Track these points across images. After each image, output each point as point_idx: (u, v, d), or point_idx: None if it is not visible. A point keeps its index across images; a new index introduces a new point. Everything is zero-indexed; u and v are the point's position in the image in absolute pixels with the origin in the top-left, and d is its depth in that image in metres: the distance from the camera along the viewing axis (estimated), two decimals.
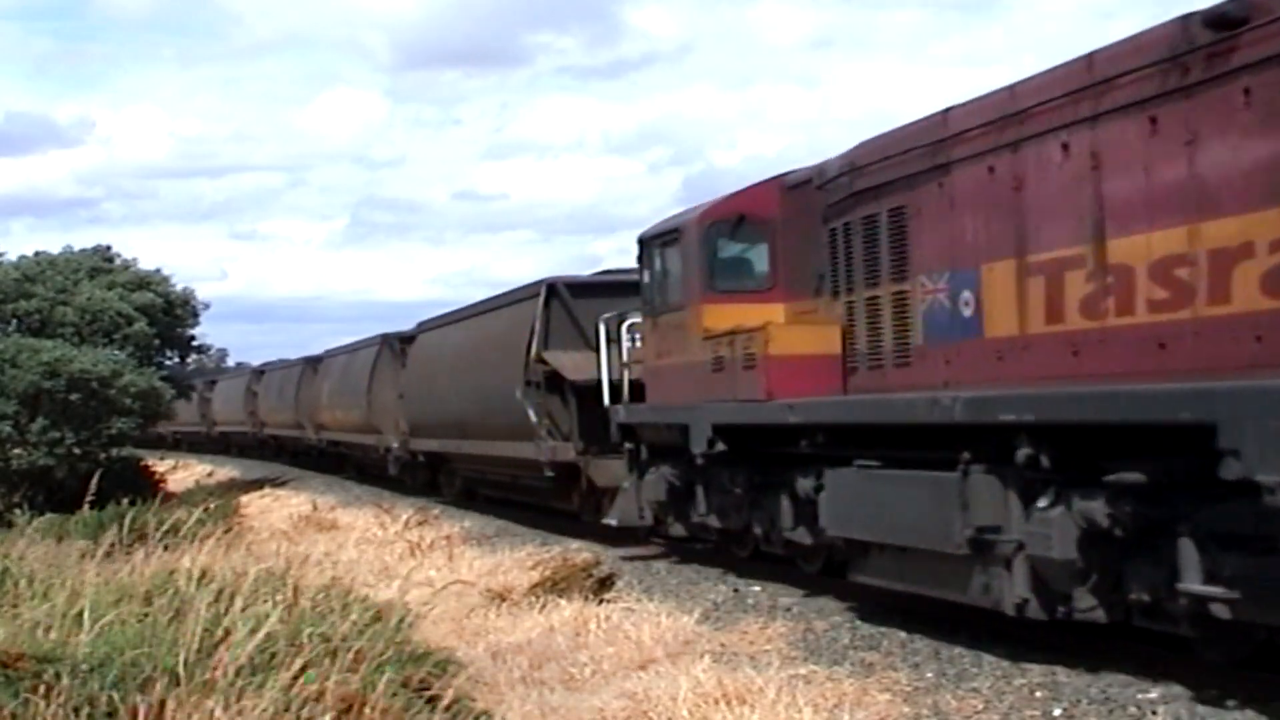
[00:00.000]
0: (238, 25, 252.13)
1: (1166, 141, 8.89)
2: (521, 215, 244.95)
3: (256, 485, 37.03)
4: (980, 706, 9.05)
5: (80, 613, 8.45)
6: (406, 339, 30.34)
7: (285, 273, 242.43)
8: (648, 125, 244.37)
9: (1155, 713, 8.49)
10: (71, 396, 28.97)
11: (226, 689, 7.22)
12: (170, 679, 7.31)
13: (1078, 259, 9.66)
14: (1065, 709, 8.79)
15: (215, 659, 7.54)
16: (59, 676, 7.13)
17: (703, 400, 14.45)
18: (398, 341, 31.01)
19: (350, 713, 7.44)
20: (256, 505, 29.95)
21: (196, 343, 38.51)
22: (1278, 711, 8.31)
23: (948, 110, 11.34)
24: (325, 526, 23.11)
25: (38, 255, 34.99)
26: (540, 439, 20.05)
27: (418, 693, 8.36)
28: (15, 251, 39.02)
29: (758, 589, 14.08)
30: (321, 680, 7.54)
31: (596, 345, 18.16)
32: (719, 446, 14.03)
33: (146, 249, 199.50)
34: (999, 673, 9.81)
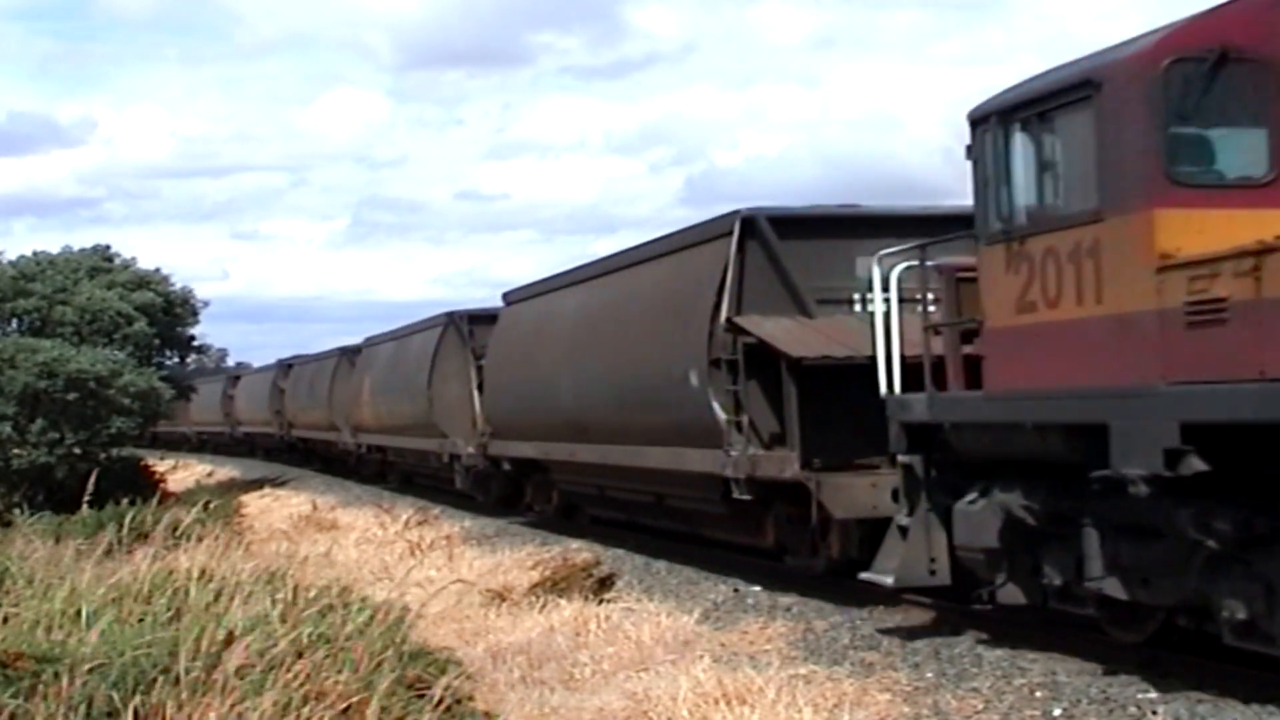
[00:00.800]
0: (240, 25, 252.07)
1: None
2: (523, 215, 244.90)
3: (256, 485, 37.03)
4: (980, 706, 9.04)
5: (80, 613, 8.46)
6: (481, 317, 24.85)
7: (286, 273, 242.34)
8: (649, 125, 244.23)
9: (1155, 713, 8.48)
10: (69, 396, 28.94)
11: (226, 689, 7.22)
12: (170, 679, 7.31)
13: None
14: (1065, 709, 8.79)
15: (215, 659, 7.54)
16: (59, 676, 7.13)
17: (1149, 381, 8.56)
18: (467, 322, 25.40)
19: (350, 713, 7.44)
20: (256, 505, 29.95)
21: (196, 342, 38.52)
22: (1278, 711, 8.31)
23: None
24: (325, 526, 23.11)
25: (37, 255, 34.99)
26: (730, 444, 13.83)
27: (418, 693, 8.36)
28: (16, 251, 38.99)
29: (758, 589, 14.06)
30: (321, 680, 7.54)
31: (859, 301, 13.23)
32: (1193, 464, 8.25)
33: (148, 249, 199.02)
34: (999, 673, 9.80)
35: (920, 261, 11.26)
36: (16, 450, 28.80)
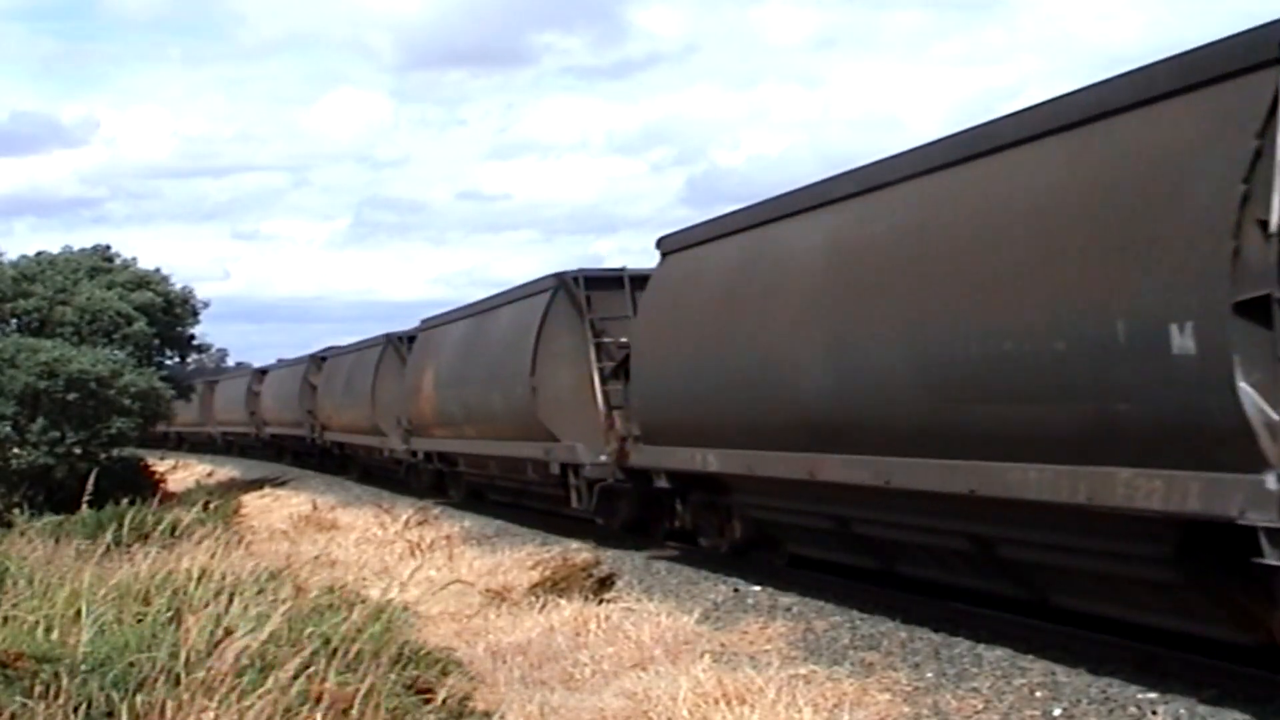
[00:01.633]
0: (243, 25, 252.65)
1: None
2: (524, 215, 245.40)
3: (256, 485, 37.02)
4: (980, 706, 9.04)
5: (80, 613, 8.46)
6: (602, 280, 19.42)
7: (287, 273, 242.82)
8: (651, 125, 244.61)
9: (1155, 713, 8.48)
10: (70, 396, 28.95)
11: (226, 689, 7.22)
12: (170, 679, 7.32)
13: None
14: (1065, 709, 8.79)
15: (215, 659, 7.55)
16: (59, 676, 7.13)
17: None
18: (583, 285, 19.39)
19: (350, 713, 7.44)
20: (256, 505, 29.94)
21: (196, 342, 38.53)
22: (1278, 711, 8.31)
23: None
24: (325, 526, 23.10)
25: (38, 255, 35.00)
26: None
27: (418, 693, 8.37)
28: (18, 251, 39.00)
29: (758, 589, 14.06)
30: (321, 680, 7.54)
31: None
32: None
33: (149, 249, 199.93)
34: (999, 673, 9.80)
35: None
36: (16, 450, 28.81)
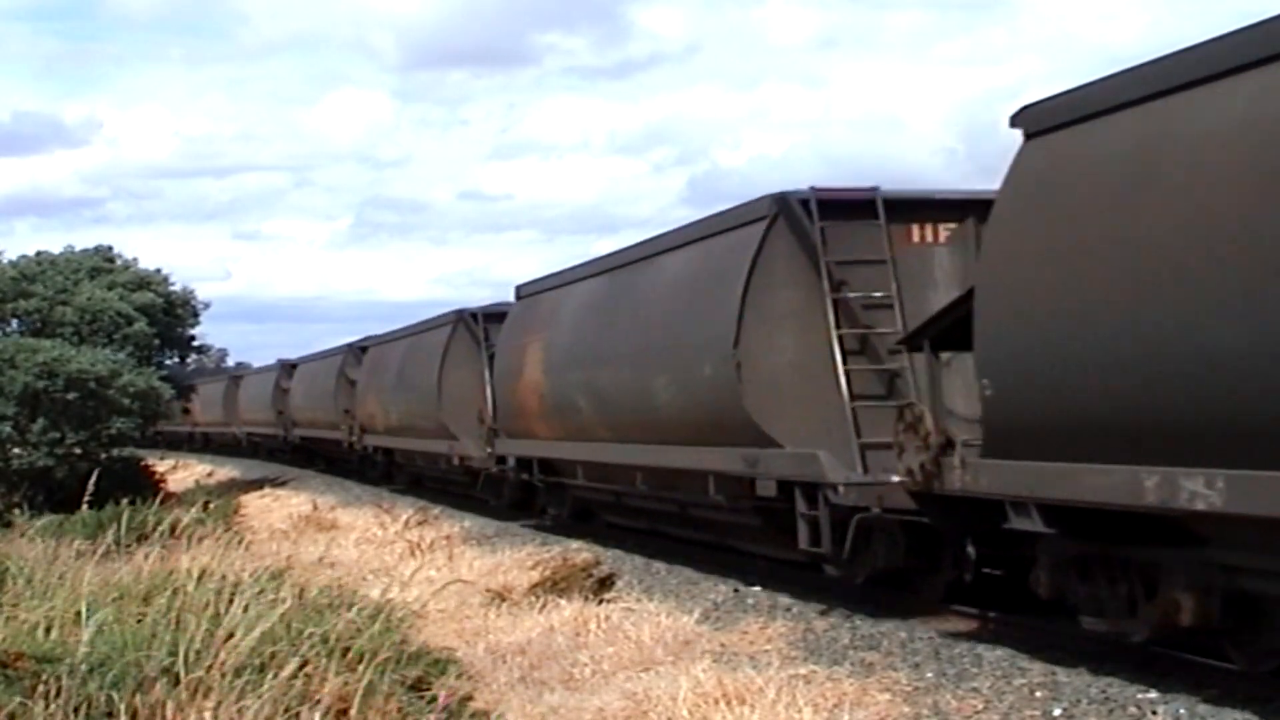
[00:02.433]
0: (245, 25, 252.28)
1: None
2: (525, 215, 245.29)
3: (256, 485, 37.02)
4: (980, 706, 9.04)
5: (80, 613, 8.45)
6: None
7: (288, 273, 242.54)
8: (653, 125, 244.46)
9: (1155, 713, 8.48)
10: (70, 396, 28.97)
11: (226, 689, 7.22)
12: (169, 679, 7.32)
13: None
14: (1065, 709, 8.78)
15: (214, 659, 7.54)
16: (58, 676, 7.12)
17: None
18: (808, 208, 13.03)
19: (349, 713, 7.44)
20: (256, 505, 29.94)
21: (197, 342, 38.56)
22: (1278, 711, 8.31)
23: None
24: (325, 526, 23.09)
25: (38, 255, 35.03)
26: None
27: (417, 692, 8.37)
28: (19, 251, 39.02)
29: (758, 589, 14.05)
30: (320, 680, 7.54)
31: None
32: None
33: (150, 249, 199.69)
34: (999, 673, 9.80)
35: None
36: (16, 450, 28.81)
